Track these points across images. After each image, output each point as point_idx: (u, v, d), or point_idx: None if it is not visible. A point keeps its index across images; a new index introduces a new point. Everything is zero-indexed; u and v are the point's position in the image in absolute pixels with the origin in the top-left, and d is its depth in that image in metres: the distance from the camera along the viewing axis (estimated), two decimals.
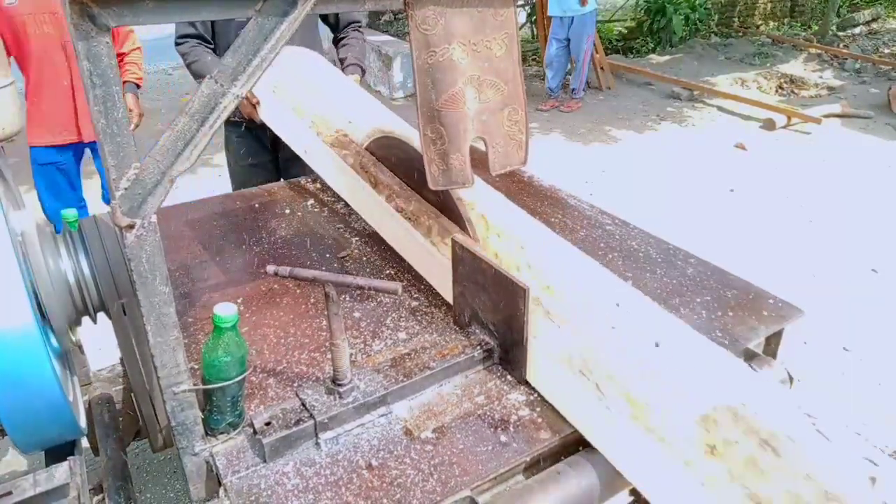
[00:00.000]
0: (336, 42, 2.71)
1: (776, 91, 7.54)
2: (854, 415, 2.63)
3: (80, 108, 3.04)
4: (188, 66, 2.46)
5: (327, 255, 1.84)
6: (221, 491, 1.12)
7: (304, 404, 1.21)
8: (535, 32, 8.65)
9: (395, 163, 1.81)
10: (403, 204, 1.70)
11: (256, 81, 0.95)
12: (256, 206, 2.15)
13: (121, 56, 3.21)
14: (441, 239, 1.54)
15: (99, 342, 2.89)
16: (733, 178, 5.08)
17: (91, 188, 4.78)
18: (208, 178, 5.02)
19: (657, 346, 1.15)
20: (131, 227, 0.94)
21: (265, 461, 1.15)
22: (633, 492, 1.19)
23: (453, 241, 1.42)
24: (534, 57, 8.40)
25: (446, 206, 1.61)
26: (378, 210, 1.80)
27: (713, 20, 10.01)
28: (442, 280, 1.57)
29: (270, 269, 1.16)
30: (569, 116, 6.58)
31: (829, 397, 2.73)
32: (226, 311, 1.09)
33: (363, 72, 2.58)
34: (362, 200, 1.91)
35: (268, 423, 1.17)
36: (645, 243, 1.85)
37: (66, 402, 1.21)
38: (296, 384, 1.33)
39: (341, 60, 2.60)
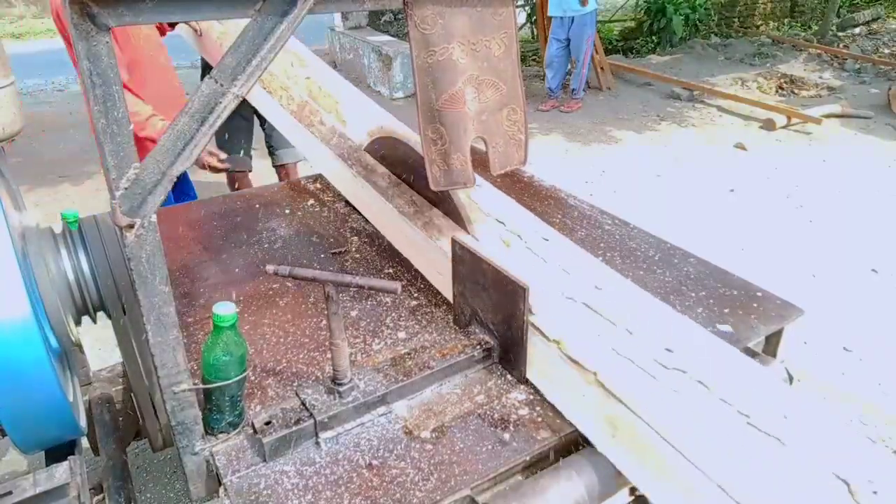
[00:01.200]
0: None
1: (776, 91, 7.54)
2: (854, 414, 2.63)
3: None
4: None
5: (327, 255, 1.84)
6: (221, 490, 1.12)
7: (303, 404, 1.21)
8: (535, 32, 8.66)
9: (396, 162, 1.82)
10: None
11: (256, 81, 0.95)
12: (256, 206, 2.15)
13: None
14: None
15: (99, 342, 2.90)
16: (733, 178, 5.08)
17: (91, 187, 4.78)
18: (208, 178, 5.01)
19: None
20: (131, 226, 0.94)
21: (265, 460, 1.15)
22: (633, 491, 1.19)
23: (453, 240, 1.42)
24: (534, 57, 8.40)
25: (446, 206, 1.61)
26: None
27: (713, 20, 10.02)
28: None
29: (270, 268, 1.16)
30: (569, 116, 6.59)
31: (829, 397, 2.74)
32: (225, 309, 1.09)
33: None
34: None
35: (268, 423, 1.17)
36: (644, 243, 1.85)
37: (66, 402, 1.21)
38: (295, 384, 1.33)
39: None
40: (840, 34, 9.84)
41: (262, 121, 3.37)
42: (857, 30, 10.04)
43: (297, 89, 2.21)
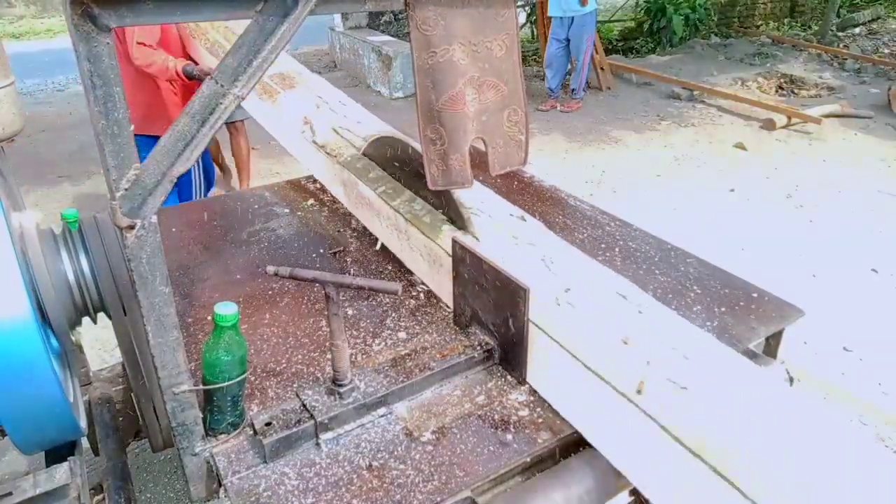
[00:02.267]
0: None
1: (776, 91, 7.53)
2: (854, 414, 2.63)
3: None
4: None
5: (327, 255, 1.84)
6: (222, 491, 1.12)
7: (304, 405, 1.21)
8: (535, 32, 8.66)
9: (394, 163, 1.81)
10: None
11: (257, 82, 0.95)
12: (256, 206, 2.15)
13: None
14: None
15: (99, 342, 2.90)
16: (733, 177, 5.08)
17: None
18: None
19: None
20: (131, 227, 0.94)
21: (265, 461, 1.15)
22: (633, 492, 1.19)
23: (454, 241, 1.42)
24: (534, 57, 8.40)
25: (446, 206, 1.61)
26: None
27: (713, 20, 10.01)
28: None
29: (270, 269, 1.16)
30: (569, 116, 6.58)
31: (829, 397, 2.73)
32: (226, 309, 1.09)
33: None
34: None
35: (268, 424, 1.17)
36: (644, 243, 1.85)
37: (66, 402, 1.21)
38: (296, 384, 1.33)
39: None
40: (840, 34, 9.83)
41: None
42: (857, 30, 10.04)
43: (213, 33, 2.83)
